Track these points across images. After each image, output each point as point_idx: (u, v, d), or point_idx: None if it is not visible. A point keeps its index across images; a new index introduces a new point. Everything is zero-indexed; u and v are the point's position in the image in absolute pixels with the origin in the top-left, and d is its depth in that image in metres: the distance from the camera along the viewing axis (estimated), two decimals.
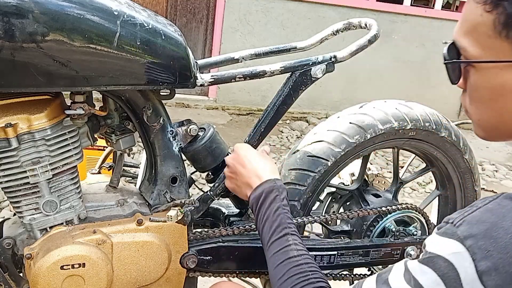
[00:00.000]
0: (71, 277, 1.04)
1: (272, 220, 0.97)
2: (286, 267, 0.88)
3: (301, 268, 0.87)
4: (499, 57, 0.61)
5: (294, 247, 0.91)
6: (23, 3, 0.85)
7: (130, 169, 1.93)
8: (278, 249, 0.92)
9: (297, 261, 0.88)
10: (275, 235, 0.95)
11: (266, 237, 0.96)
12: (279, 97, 1.20)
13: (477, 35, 0.63)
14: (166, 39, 1.02)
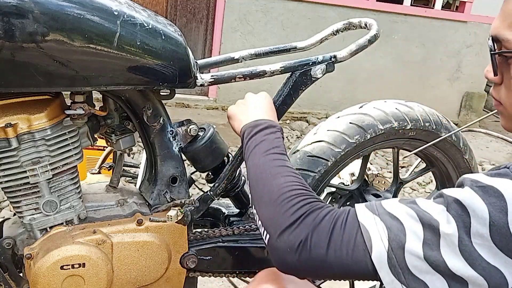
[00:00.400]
0: (71, 277, 1.04)
1: (270, 141, 0.93)
2: (286, 171, 0.85)
3: (301, 182, 0.84)
4: None
5: (292, 168, 0.89)
6: (23, 3, 0.85)
7: (130, 169, 1.92)
8: (278, 158, 0.89)
9: (296, 175, 0.86)
10: (273, 150, 0.90)
11: (262, 148, 0.91)
12: (279, 97, 1.20)
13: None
14: (166, 39, 1.01)
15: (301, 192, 0.80)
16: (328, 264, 0.71)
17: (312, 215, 0.74)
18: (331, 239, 0.70)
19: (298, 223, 0.74)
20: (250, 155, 0.93)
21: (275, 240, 0.76)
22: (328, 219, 0.73)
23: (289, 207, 0.77)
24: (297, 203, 0.77)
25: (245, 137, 0.97)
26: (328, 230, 0.71)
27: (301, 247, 0.72)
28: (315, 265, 0.72)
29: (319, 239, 0.71)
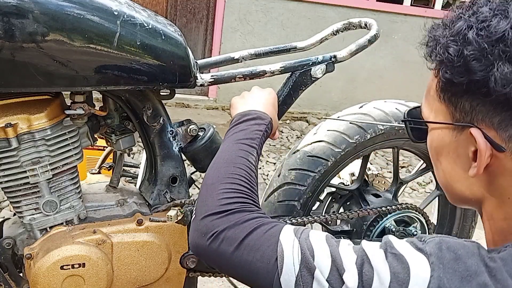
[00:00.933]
0: (71, 277, 1.04)
1: (249, 131, 0.92)
2: (242, 163, 0.85)
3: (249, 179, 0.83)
4: (440, 119, 0.65)
5: (254, 159, 0.88)
6: (23, 3, 0.85)
7: (130, 169, 1.92)
8: (244, 149, 0.88)
9: (249, 171, 0.84)
10: (245, 141, 0.90)
11: (237, 136, 0.91)
12: (279, 97, 1.20)
13: (429, 97, 0.67)
14: (166, 39, 1.02)
15: (242, 190, 0.80)
16: (232, 264, 0.71)
17: (240, 214, 0.74)
18: (243, 242, 0.70)
19: (223, 215, 0.74)
20: (224, 140, 0.93)
21: (197, 221, 0.77)
22: (251, 223, 0.72)
23: (223, 197, 0.77)
24: (233, 197, 0.77)
25: (232, 123, 0.97)
26: (245, 233, 0.70)
27: (213, 236, 0.72)
28: (220, 259, 0.72)
29: (232, 237, 0.71)
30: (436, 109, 0.66)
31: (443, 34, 0.63)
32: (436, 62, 0.64)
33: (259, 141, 0.92)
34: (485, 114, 0.59)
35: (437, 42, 0.63)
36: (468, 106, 0.60)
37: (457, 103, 0.61)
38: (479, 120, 0.60)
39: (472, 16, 0.60)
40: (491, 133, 0.59)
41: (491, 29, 0.57)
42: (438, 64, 0.63)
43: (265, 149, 3.84)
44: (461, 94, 0.60)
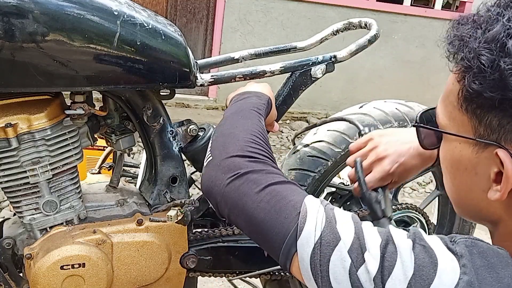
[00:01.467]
0: (71, 277, 1.04)
1: (251, 102, 0.89)
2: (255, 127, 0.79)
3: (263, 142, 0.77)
4: (459, 130, 0.58)
5: (264, 124, 0.84)
6: (23, 3, 0.85)
7: (130, 169, 1.92)
8: (252, 114, 0.84)
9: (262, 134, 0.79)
10: (252, 107, 0.87)
11: (241, 105, 0.88)
12: (279, 97, 1.20)
13: (448, 103, 0.60)
14: (166, 39, 1.01)
15: (264, 145, 0.75)
16: (249, 207, 0.66)
17: (266, 165, 0.71)
18: (268, 188, 0.65)
19: (250, 159, 0.71)
20: (228, 109, 0.89)
21: (217, 161, 0.72)
22: (276, 176, 0.68)
23: (247, 145, 0.73)
24: (257, 148, 0.73)
25: (231, 102, 0.93)
26: (271, 181, 0.66)
27: (237, 175, 0.68)
28: (237, 202, 0.67)
29: (257, 180, 0.67)
30: (455, 118, 0.58)
31: (474, 36, 0.54)
32: (462, 66, 0.55)
33: (264, 112, 0.88)
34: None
35: (465, 43, 0.55)
36: (496, 123, 0.53)
37: (482, 117, 0.54)
38: (508, 140, 0.53)
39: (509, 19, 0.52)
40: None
41: None
42: (465, 69, 0.55)
43: None
44: (489, 108, 0.53)
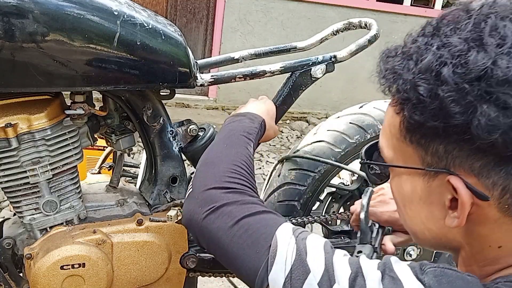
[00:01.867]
0: (71, 277, 1.04)
1: (244, 127, 0.90)
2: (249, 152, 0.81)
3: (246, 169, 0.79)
4: (407, 162, 0.57)
5: (251, 152, 0.85)
6: (23, 3, 0.85)
7: (130, 169, 1.92)
8: (241, 140, 0.86)
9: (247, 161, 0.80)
10: (242, 132, 0.88)
11: (233, 127, 0.90)
12: (279, 97, 1.20)
13: (390, 136, 0.59)
14: (166, 39, 1.01)
15: (244, 174, 0.77)
16: (223, 242, 0.67)
17: (242, 195, 0.72)
18: (242, 221, 0.66)
19: (226, 191, 0.72)
20: (221, 131, 0.91)
21: (196, 193, 0.74)
22: (252, 207, 0.69)
23: (226, 175, 0.75)
24: (235, 178, 0.75)
25: (225, 123, 0.95)
26: (245, 213, 0.67)
27: (212, 209, 0.70)
28: (212, 236, 0.69)
29: (231, 213, 0.68)
30: (400, 150, 0.57)
31: (407, 67, 0.54)
32: (399, 98, 0.55)
33: (255, 137, 0.90)
34: (464, 160, 0.51)
35: (398, 76, 0.54)
36: (443, 150, 0.52)
37: (428, 147, 0.53)
38: (456, 165, 0.51)
39: (443, 48, 0.51)
40: (471, 179, 0.51)
41: (469, 65, 0.48)
42: (402, 101, 0.54)
43: (265, 149, 3.84)
44: (434, 137, 0.52)
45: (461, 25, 0.52)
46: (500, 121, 0.47)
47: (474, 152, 0.50)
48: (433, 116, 0.50)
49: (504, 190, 0.50)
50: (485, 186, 0.51)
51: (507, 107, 0.47)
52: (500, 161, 0.49)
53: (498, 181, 0.50)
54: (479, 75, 0.48)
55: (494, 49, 0.48)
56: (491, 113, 0.47)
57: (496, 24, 0.50)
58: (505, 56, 0.48)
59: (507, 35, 0.49)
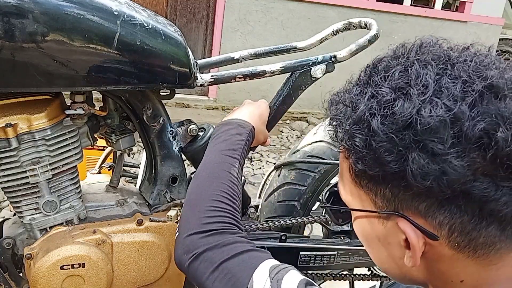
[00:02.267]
0: (71, 277, 1.04)
1: (231, 142, 0.92)
2: (226, 177, 0.84)
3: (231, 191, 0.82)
4: (362, 205, 0.58)
5: (237, 171, 0.87)
6: (23, 3, 0.85)
7: (130, 169, 1.92)
8: (227, 162, 0.88)
9: (232, 186, 0.83)
10: (228, 152, 0.89)
11: (220, 147, 0.91)
12: (279, 97, 1.20)
13: (345, 180, 0.60)
14: (166, 39, 1.01)
15: (224, 208, 0.79)
16: (207, 287, 0.70)
17: (221, 236, 0.74)
18: (220, 266, 0.69)
19: (205, 235, 0.74)
20: (207, 151, 0.93)
21: (181, 239, 0.77)
22: (231, 248, 0.71)
23: (206, 216, 0.77)
24: (215, 216, 0.77)
25: (213, 134, 0.97)
26: (224, 258, 0.69)
27: (194, 256, 0.72)
28: (198, 279, 0.71)
29: (210, 259, 0.70)
30: (354, 194, 0.59)
31: (346, 116, 0.55)
32: (343, 146, 0.57)
33: (241, 151, 0.92)
34: (410, 202, 0.52)
35: (340, 124, 0.56)
36: (389, 194, 0.53)
37: (376, 190, 0.54)
38: (404, 207, 0.53)
39: (372, 99, 0.52)
40: (420, 220, 0.52)
41: (396, 115, 0.49)
42: (346, 149, 0.56)
43: (265, 149, 3.84)
44: (378, 182, 0.53)
45: (390, 73, 0.53)
46: (430, 168, 0.48)
47: (416, 195, 0.51)
48: (371, 165, 0.52)
49: (451, 229, 0.51)
50: (433, 226, 0.52)
51: (435, 154, 0.48)
52: (441, 203, 0.50)
53: (444, 221, 0.51)
54: (406, 125, 0.49)
55: (417, 97, 0.49)
56: (421, 161, 0.48)
57: (419, 72, 0.51)
58: (428, 105, 0.48)
59: (429, 82, 0.50)
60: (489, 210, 0.49)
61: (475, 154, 0.47)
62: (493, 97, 0.48)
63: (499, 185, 0.48)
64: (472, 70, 0.50)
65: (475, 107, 0.48)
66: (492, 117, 0.47)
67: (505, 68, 0.52)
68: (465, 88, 0.49)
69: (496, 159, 0.47)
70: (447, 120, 0.47)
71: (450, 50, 0.55)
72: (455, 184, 0.48)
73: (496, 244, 0.51)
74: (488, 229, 0.50)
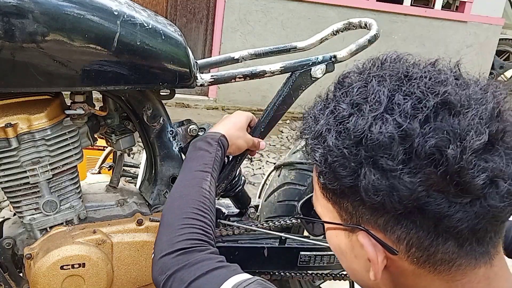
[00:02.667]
0: (71, 277, 1.04)
1: (202, 157, 0.95)
2: (199, 194, 0.86)
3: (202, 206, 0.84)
4: (331, 217, 0.58)
5: (209, 184, 0.90)
6: (23, 3, 0.85)
7: (130, 169, 1.93)
8: (199, 177, 0.90)
9: (204, 202, 0.86)
10: (198, 166, 0.93)
11: (189, 165, 0.95)
12: (279, 97, 1.20)
13: (317, 192, 0.60)
14: (166, 39, 1.01)
15: (195, 225, 0.81)
16: None
17: (190, 255, 0.75)
18: (190, 286, 0.69)
19: (175, 255, 0.76)
20: (180, 171, 0.96)
21: (155, 260, 0.79)
22: (199, 267, 0.72)
23: (176, 235, 0.79)
24: (185, 234, 0.79)
25: (186, 157, 1.00)
26: (193, 277, 0.70)
27: (166, 277, 0.74)
28: None
29: (181, 280, 0.71)
30: (324, 206, 0.59)
31: (309, 131, 0.56)
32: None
33: (213, 163, 0.94)
34: (369, 216, 0.52)
35: (306, 139, 0.57)
36: (351, 208, 0.54)
37: (340, 204, 0.55)
38: (365, 221, 0.53)
39: (331, 114, 0.53)
40: (380, 234, 0.52)
41: (349, 131, 0.50)
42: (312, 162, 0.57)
43: (265, 149, 3.84)
44: (339, 196, 0.54)
45: (350, 89, 0.54)
46: (381, 184, 0.48)
47: (374, 210, 0.51)
48: (330, 179, 0.53)
49: (408, 244, 0.51)
50: (392, 240, 0.52)
51: (385, 170, 0.48)
52: (397, 218, 0.50)
53: (402, 236, 0.51)
54: (358, 141, 0.49)
55: (369, 114, 0.50)
56: (372, 176, 0.49)
57: (375, 88, 0.51)
58: (379, 121, 0.49)
59: (382, 99, 0.50)
60: (444, 227, 0.48)
61: (427, 170, 0.47)
62: (447, 114, 0.48)
63: (452, 202, 0.47)
64: (427, 87, 0.50)
65: (427, 123, 0.47)
66: (444, 134, 0.47)
67: (463, 84, 0.52)
68: (417, 105, 0.48)
69: (447, 176, 0.47)
70: (396, 137, 0.47)
71: (413, 66, 0.54)
72: (405, 200, 0.48)
73: (456, 260, 0.51)
74: (445, 245, 0.50)
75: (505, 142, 0.49)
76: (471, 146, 0.46)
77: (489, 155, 0.48)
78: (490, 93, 0.51)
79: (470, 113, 0.48)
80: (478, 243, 0.50)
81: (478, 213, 0.48)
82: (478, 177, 0.46)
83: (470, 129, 0.47)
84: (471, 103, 0.49)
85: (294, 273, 1.34)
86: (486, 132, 0.47)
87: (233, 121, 1.08)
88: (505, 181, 0.48)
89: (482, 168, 0.47)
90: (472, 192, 0.47)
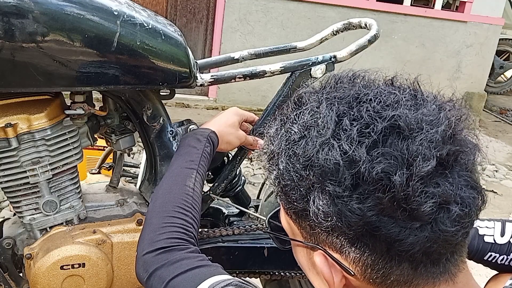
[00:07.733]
0: (71, 277, 1.04)
1: (190, 154, 0.95)
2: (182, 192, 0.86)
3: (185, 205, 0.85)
4: (293, 234, 0.59)
5: (193, 181, 0.90)
6: (23, 3, 0.85)
7: (130, 169, 1.93)
8: (185, 174, 0.91)
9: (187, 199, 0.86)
10: (184, 163, 0.93)
11: (176, 163, 0.95)
12: (279, 97, 1.20)
13: (282, 208, 0.59)
14: (166, 39, 1.01)
15: (176, 223, 0.81)
16: None
17: (171, 253, 0.76)
18: (169, 284, 0.70)
19: (156, 253, 0.77)
20: (168, 168, 0.97)
21: (138, 258, 0.80)
22: (179, 265, 0.72)
23: (158, 234, 0.80)
24: (166, 233, 0.79)
25: (176, 151, 1.01)
26: (172, 275, 0.71)
27: (148, 275, 0.75)
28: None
29: (161, 277, 0.72)
30: (288, 222, 0.59)
31: (266, 151, 0.56)
32: None
33: (200, 159, 0.94)
34: (325, 238, 0.52)
35: (264, 159, 0.57)
36: (309, 228, 0.53)
37: (299, 223, 0.55)
38: (322, 242, 0.53)
39: (283, 136, 0.53)
40: (337, 255, 0.52)
41: (298, 156, 0.50)
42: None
43: None
44: (296, 216, 0.54)
45: (304, 110, 0.53)
46: (330, 209, 0.48)
47: (328, 232, 0.50)
48: (284, 201, 0.53)
49: (364, 265, 0.50)
50: (348, 261, 0.51)
51: (333, 196, 0.48)
52: (350, 241, 0.50)
53: (356, 258, 0.50)
54: (306, 165, 0.49)
55: (317, 139, 0.49)
56: (320, 202, 0.48)
57: (324, 112, 0.50)
58: (326, 147, 0.48)
59: (329, 124, 0.49)
60: (396, 250, 0.48)
61: (376, 195, 0.46)
62: (396, 138, 0.47)
63: (402, 227, 0.47)
64: (375, 111, 0.48)
65: (375, 148, 0.46)
66: (392, 159, 0.46)
67: (418, 103, 0.50)
68: (364, 130, 0.47)
69: (394, 202, 0.46)
70: (341, 163, 0.47)
71: (366, 87, 0.53)
72: (355, 226, 0.47)
73: (413, 281, 0.50)
74: (400, 268, 0.49)
75: (459, 163, 0.48)
76: (417, 172, 0.45)
77: (440, 179, 0.46)
78: (443, 114, 0.49)
79: (419, 137, 0.46)
80: (433, 264, 0.50)
81: (430, 237, 0.47)
82: (425, 203, 0.45)
83: (418, 154, 0.46)
84: (422, 126, 0.47)
85: (294, 273, 1.34)
86: (434, 157, 0.46)
87: (224, 118, 1.08)
88: (457, 204, 0.47)
89: (430, 194, 0.46)
90: (420, 218, 0.46)
